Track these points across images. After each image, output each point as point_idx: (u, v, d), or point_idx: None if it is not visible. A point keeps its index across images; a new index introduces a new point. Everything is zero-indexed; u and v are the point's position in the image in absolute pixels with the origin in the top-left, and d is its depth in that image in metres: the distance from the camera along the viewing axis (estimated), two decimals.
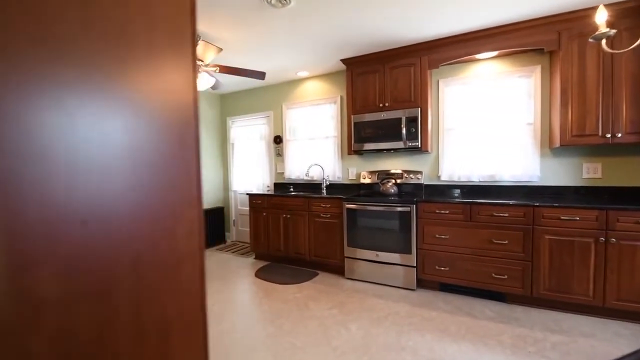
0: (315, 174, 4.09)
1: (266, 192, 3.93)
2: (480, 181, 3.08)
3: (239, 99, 4.86)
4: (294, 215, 3.56)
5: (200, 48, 2.56)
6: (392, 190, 3.26)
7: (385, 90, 3.21)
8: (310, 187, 4.14)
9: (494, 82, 3.02)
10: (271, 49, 3.14)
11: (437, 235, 2.74)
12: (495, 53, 2.90)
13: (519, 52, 2.90)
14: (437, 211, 2.74)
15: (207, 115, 4.82)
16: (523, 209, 2.43)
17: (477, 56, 2.96)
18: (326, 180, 3.91)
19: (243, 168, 4.91)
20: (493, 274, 2.53)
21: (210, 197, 4.86)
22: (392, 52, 3.15)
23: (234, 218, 5.02)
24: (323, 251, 3.37)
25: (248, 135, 4.82)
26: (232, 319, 2.39)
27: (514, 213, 2.46)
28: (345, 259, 3.18)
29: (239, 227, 4.94)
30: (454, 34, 2.83)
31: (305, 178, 4.05)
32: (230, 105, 4.97)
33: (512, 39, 2.67)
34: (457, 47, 2.88)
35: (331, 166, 3.97)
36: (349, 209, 3.13)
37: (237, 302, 2.69)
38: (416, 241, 2.83)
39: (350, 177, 3.85)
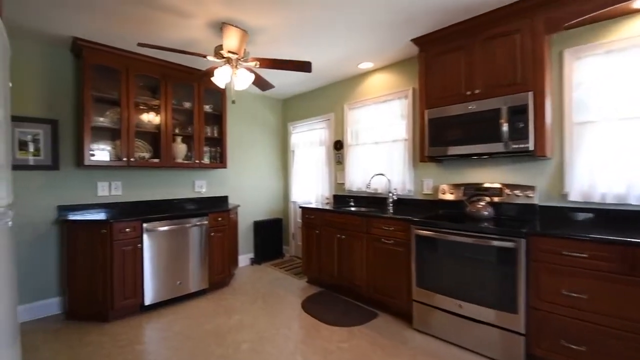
0: (379, 186, 3.34)
1: (322, 206, 3.37)
2: None
3: (299, 102, 4.46)
4: (350, 236, 2.89)
5: (234, 38, 2.18)
6: (486, 213, 2.32)
7: (475, 72, 2.31)
8: (375, 202, 3.41)
9: None
10: (322, 35, 2.58)
11: (564, 292, 1.72)
12: None
13: None
14: (566, 252, 1.72)
15: (268, 121, 4.56)
16: None
17: (635, 4, 1.85)
18: (393, 195, 3.13)
19: (302, 177, 4.48)
20: None
21: (268, 208, 4.56)
22: (485, 18, 2.24)
23: (292, 231, 4.61)
24: (384, 287, 2.61)
25: (308, 142, 4.37)
26: None
27: None
28: (414, 303, 2.36)
29: (298, 242, 4.50)
30: None
31: (368, 191, 3.35)
32: (291, 109, 4.62)
33: None
34: None
35: (400, 177, 3.17)
36: (419, 236, 2.32)
37: (269, 344, 2.15)
38: (527, 295, 1.84)
39: (425, 191, 2.98)
